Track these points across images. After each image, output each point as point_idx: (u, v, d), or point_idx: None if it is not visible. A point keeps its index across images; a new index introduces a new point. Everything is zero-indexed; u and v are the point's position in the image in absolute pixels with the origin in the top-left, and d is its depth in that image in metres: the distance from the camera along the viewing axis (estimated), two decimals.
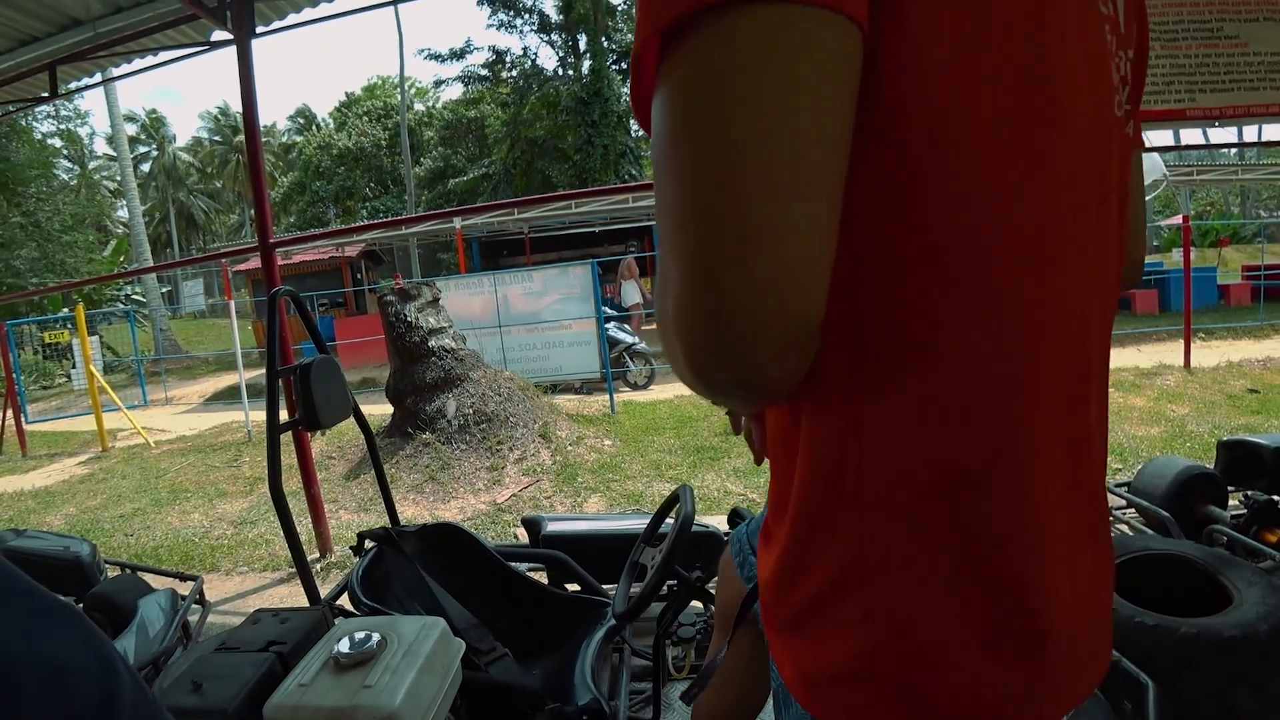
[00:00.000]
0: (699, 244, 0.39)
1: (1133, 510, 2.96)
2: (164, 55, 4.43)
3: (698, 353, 0.42)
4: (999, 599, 0.49)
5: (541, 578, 2.31)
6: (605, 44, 20.95)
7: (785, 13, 0.37)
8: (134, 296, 18.52)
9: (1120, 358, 7.22)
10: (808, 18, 0.37)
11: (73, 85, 4.88)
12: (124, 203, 20.81)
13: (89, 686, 0.46)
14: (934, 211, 0.45)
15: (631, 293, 11.81)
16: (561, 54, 22.35)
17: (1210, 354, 7.40)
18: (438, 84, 28.12)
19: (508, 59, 23.10)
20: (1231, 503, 2.76)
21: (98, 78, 5.03)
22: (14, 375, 8.56)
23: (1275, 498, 2.48)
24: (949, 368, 0.47)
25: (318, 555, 3.53)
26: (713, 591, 1.61)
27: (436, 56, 23.52)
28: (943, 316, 0.46)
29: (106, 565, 2.84)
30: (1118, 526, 3.06)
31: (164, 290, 20.79)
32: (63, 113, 24.96)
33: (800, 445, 0.52)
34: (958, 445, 0.48)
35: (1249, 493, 2.55)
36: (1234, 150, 27.01)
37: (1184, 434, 4.65)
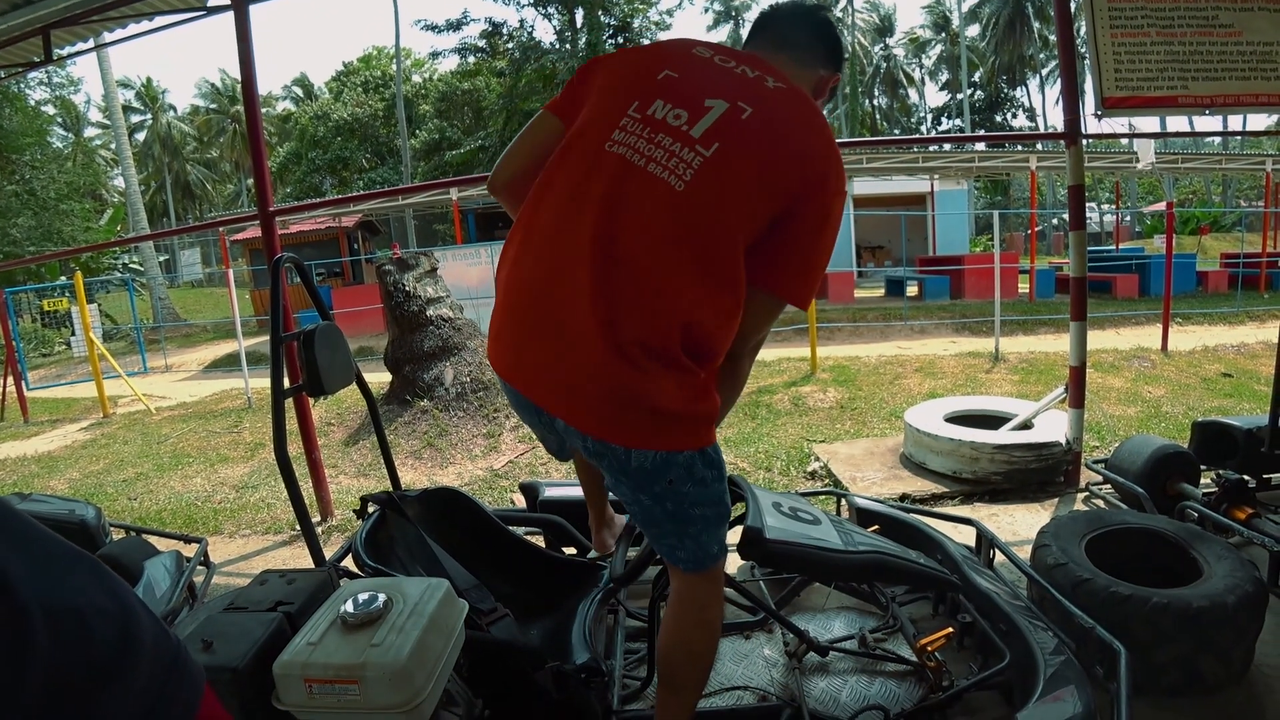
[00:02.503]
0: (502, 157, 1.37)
1: (1109, 486, 3.04)
2: (160, 20, 4.38)
3: (491, 183, 1.39)
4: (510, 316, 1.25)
5: (539, 541, 2.39)
6: (602, 18, 20.61)
7: (542, 114, 1.34)
8: (131, 265, 18.43)
9: (1099, 340, 7.32)
10: (544, 115, 1.34)
11: (66, 50, 4.82)
12: (120, 171, 20.55)
13: (108, 628, 0.50)
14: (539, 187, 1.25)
15: None
16: (558, 27, 22.00)
17: (1187, 338, 7.52)
18: (434, 55, 27.59)
19: (504, 31, 22.71)
20: (1204, 481, 2.84)
21: (91, 43, 4.97)
22: (14, 342, 8.57)
23: (1246, 477, 2.56)
24: (521, 238, 1.24)
25: (319, 519, 3.60)
26: None
27: (433, 28, 23.05)
28: (520, 231, 1.24)
29: (111, 528, 2.89)
30: (1094, 501, 3.15)
31: (161, 259, 20.67)
32: (55, 80, 24.57)
33: None
34: (515, 271, 1.24)
35: (1221, 472, 2.62)
36: (1217, 139, 26.91)
37: (1160, 414, 4.73)
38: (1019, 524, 2.99)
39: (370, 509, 2.02)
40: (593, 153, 1.19)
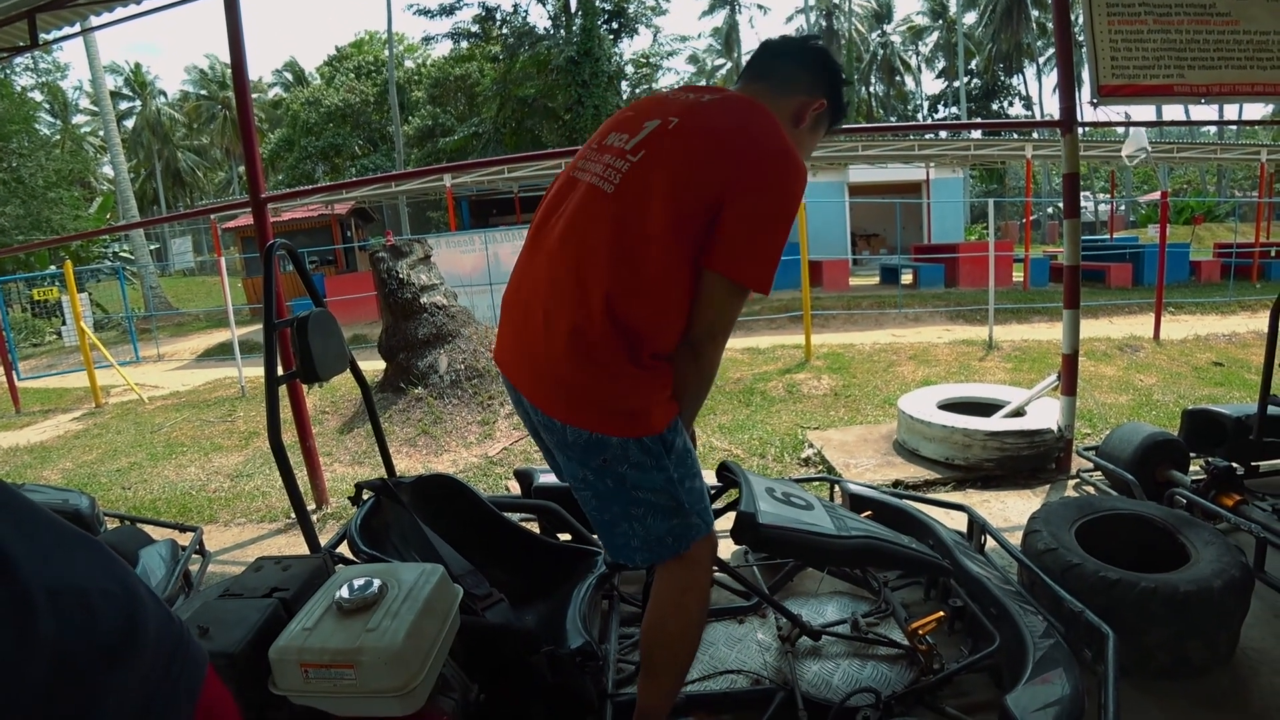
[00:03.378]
0: None
1: (1100, 473, 3.07)
2: (147, 3, 4.32)
3: None
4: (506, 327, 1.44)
5: (534, 528, 2.39)
6: (597, 3, 20.43)
7: None
8: (122, 254, 18.28)
9: (1092, 328, 7.34)
10: None
11: (53, 35, 4.75)
12: (109, 158, 20.33)
13: (113, 611, 0.50)
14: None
15: None
16: (553, 12, 21.78)
17: (1179, 327, 7.56)
18: (426, 40, 27.22)
19: (498, 15, 22.47)
20: (1193, 468, 2.86)
21: (78, 27, 4.89)
22: (4, 332, 8.51)
23: (1234, 464, 2.58)
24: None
25: (314, 506, 3.59)
26: None
27: (425, 12, 22.77)
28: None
29: (106, 517, 2.88)
30: (1085, 488, 3.17)
31: (152, 248, 20.52)
32: (42, 65, 24.23)
33: None
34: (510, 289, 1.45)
35: (1209, 459, 2.64)
36: (1213, 129, 26.91)
37: (1150, 402, 4.76)
38: (1010, 510, 3.02)
39: (365, 495, 2.03)
40: (567, 181, 1.41)
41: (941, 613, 1.85)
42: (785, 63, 1.44)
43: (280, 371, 1.84)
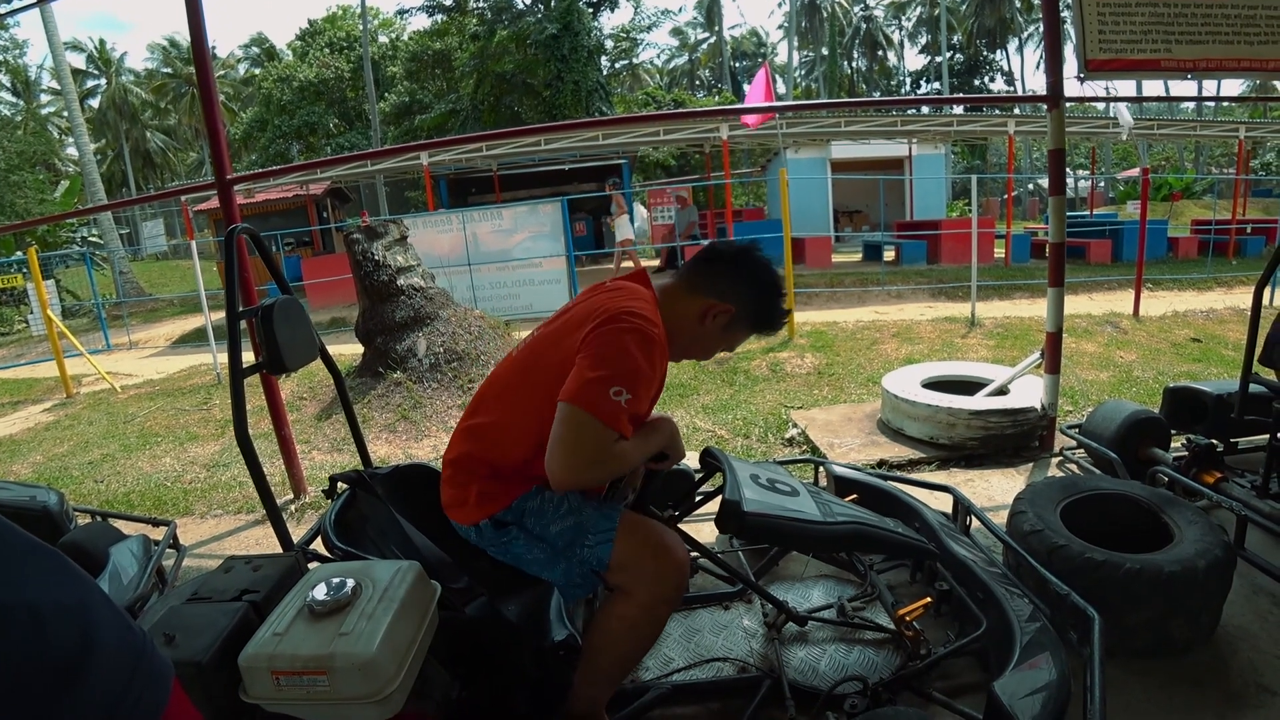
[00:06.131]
0: None
1: (1082, 451, 3.08)
2: None
3: None
4: None
5: None
6: None
7: None
8: (90, 238, 17.77)
9: (1073, 305, 7.42)
10: None
11: (2, 8, 4.53)
12: (74, 139, 19.64)
13: (66, 626, 0.46)
14: None
15: (624, 229, 11.32)
16: None
17: (1158, 304, 7.65)
18: (401, 13, 26.49)
19: None
20: (1174, 445, 2.88)
21: None
22: None
23: (1215, 441, 2.59)
24: None
25: (291, 497, 3.52)
26: (682, 529, 1.66)
27: None
28: None
29: (76, 513, 2.80)
30: (1068, 466, 3.19)
31: (122, 232, 19.99)
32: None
33: None
34: None
35: (1191, 436, 2.66)
36: (1191, 106, 27.07)
37: (1131, 379, 4.80)
38: (994, 489, 3.03)
39: (340, 488, 1.97)
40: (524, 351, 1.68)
41: (928, 598, 1.85)
42: (712, 267, 1.58)
43: (252, 360, 1.78)
